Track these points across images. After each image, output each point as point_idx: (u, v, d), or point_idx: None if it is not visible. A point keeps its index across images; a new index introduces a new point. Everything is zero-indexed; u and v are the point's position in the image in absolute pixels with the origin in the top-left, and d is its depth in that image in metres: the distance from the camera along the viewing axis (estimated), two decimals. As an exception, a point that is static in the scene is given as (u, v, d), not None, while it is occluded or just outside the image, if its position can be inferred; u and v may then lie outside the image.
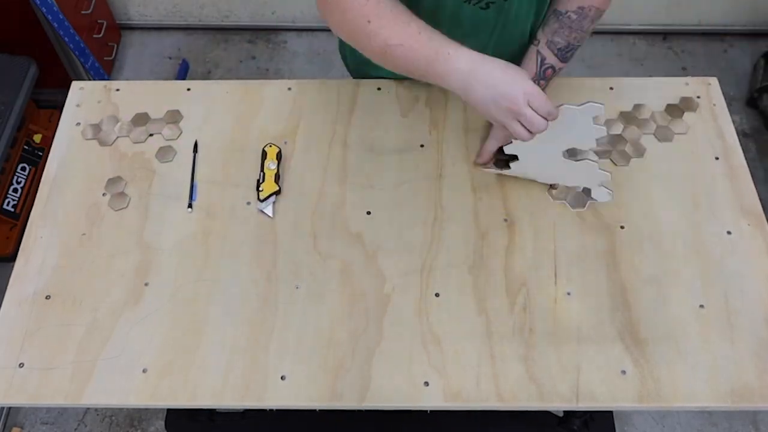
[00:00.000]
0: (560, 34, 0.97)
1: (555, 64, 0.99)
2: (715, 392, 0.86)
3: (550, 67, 0.99)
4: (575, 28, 0.96)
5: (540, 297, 0.94)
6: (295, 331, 0.91)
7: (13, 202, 1.87)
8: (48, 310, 0.94)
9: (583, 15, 0.96)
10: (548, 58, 0.98)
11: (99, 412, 1.69)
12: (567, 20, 0.96)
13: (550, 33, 0.98)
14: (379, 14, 0.85)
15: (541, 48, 0.99)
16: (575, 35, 0.97)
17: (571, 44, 0.98)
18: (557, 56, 0.98)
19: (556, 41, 0.97)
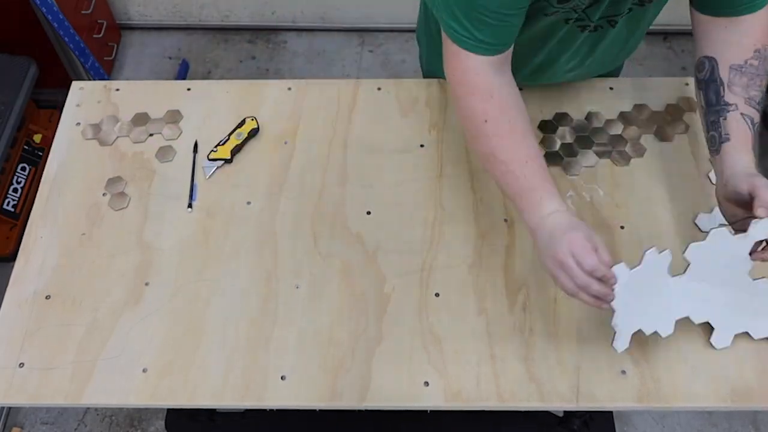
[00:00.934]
0: (753, 87, 0.88)
1: (756, 117, 0.89)
2: (715, 392, 0.86)
3: (757, 124, 0.89)
4: (762, 73, 0.88)
5: (540, 297, 0.94)
6: (295, 331, 0.91)
7: (13, 202, 1.87)
8: (48, 310, 0.94)
9: (763, 56, 0.88)
10: (754, 116, 0.88)
11: (99, 412, 1.69)
12: (752, 69, 0.88)
13: (743, 90, 0.88)
14: (498, 120, 0.82)
15: (744, 110, 0.88)
16: (761, 80, 0.88)
17: (763, 92, 0.89)
18: (757, 110, 0.89)
19: (753, 96, 0.88)
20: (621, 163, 1.07)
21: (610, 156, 1.08)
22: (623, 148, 1.09)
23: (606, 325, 0.91)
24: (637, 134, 1.10)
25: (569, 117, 1.12)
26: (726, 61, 0.89)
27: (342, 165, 1.07)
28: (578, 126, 1.11)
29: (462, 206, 1.02)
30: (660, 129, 1.11)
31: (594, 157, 1.08)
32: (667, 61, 2.33)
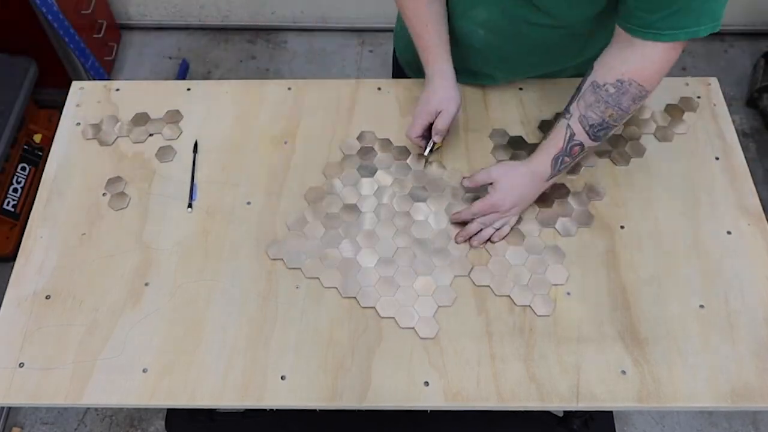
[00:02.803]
0: (595, 109, 0.88)
1: (584, 141, 0.91)
2: (715, 392, 0.86)
3: (578, 145, 0.91)
4: (612, 103, 0.87)
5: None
6: (295, 331, 0.91)
7: (13, 202, 1.87)
8: (48, 310, 0.94)
9: (623, 90, 0.86)
10: (578, 134, 0.90)
11: (99, 412, 1.69)
12: (604, 94, 0.87)
13: (585, 107, 0.89)
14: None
15: (572, 122, 0.90)
16: (612, 112, 0.87)
17: (606, 122, 0.89)
18: (588, 133, 0.90)
19: (590, 116, 0.89)
20: (621, 163, 1.07)
21: (610, 156, 1.08)
22: (623, 148, 1.09)
23: (606, 325, 0.91)
24: (636, 134, 1.10)
25: (569, 117, 1.12)
26: (593, 76, 0.90)
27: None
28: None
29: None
30: (660, 129, 1.11)
31: (594, 157, 1.08)
32: (667, 61, 2.33)
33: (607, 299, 0.93)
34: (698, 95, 1.15)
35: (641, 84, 0.86)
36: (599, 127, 0.90)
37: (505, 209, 0.95)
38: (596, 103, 0.88)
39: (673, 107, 1.13)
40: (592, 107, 0.89)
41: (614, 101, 0.87)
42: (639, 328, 0.91)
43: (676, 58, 0.86)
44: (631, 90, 0.86)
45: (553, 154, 0.93)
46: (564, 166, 0.94)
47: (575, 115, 0.90)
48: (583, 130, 0.90)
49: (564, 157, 0.92)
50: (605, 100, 0.88)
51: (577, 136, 0.91)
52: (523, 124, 1.11)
